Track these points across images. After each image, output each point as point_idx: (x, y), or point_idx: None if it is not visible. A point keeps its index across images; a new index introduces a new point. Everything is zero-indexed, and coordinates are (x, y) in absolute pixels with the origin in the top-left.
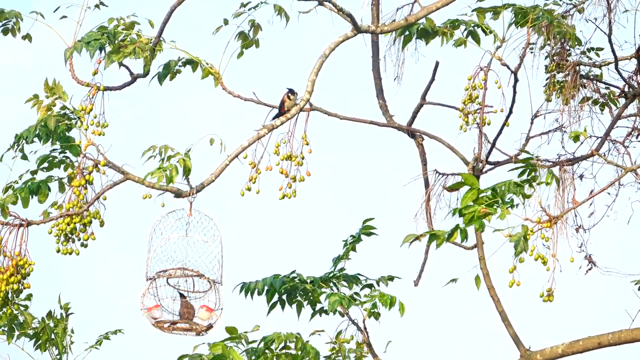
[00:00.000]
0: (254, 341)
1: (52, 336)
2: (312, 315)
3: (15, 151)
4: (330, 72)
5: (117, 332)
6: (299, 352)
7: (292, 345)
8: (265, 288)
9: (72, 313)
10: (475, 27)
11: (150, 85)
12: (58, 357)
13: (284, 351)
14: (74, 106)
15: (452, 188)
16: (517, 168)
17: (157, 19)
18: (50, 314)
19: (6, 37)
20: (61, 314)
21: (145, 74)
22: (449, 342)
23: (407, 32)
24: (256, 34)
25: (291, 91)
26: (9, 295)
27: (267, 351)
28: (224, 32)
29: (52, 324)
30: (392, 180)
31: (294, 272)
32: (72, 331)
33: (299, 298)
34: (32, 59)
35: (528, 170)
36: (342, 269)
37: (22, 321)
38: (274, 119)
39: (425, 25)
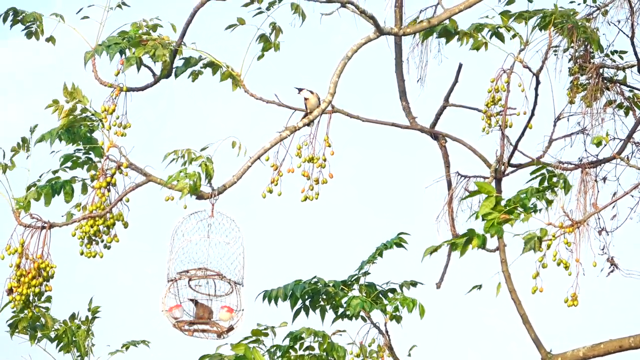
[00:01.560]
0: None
1: (74, 338)
2: (335, 319)
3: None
4: (353, 74)
5: (144, 342)
6: (324, 353)
7: (316, 345)
8: (288, 295)
9: (98, 317)
10: (499, 29)
11: (170, 83)
12: (79, 358)
13: (307, 352)
14: (95, 109)
15: (469, 196)
16: (535, 176)
17: (180, 19)
18: (73, 317)
19: (25, 39)
20: (87, 316)
21: (166, 77)
22: (470, 345)
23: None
24: (277, 37)
25: (299, 90)
26: (30, 298)
27: (290, 351)
28: (245, 34)
29: (75, 326)
30: (415, 181)
31: (315, 277)
32: (92, 334)
33: (322, 303)
34: (53, 60)
35: (547, 177)
36: (366, 272)
37: (43, 323)
38: (301, 119)
39: (448, 25)
